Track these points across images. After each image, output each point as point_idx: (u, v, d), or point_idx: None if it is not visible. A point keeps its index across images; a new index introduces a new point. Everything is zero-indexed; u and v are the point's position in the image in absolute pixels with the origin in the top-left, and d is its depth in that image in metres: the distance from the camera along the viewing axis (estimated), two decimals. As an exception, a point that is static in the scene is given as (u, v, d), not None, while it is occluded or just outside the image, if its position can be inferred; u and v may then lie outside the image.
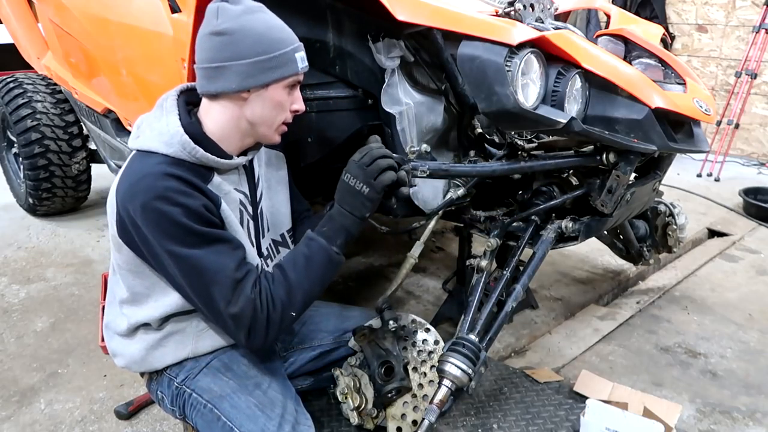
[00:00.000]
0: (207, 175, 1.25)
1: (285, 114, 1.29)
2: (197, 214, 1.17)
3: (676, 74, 1.77)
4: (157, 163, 1.19)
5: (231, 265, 1.18)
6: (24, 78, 3.35)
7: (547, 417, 1.63)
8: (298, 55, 1.24)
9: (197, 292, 1.20)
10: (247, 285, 1.19)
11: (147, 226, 1.15)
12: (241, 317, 1.18)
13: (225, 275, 1.18)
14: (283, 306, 1.22)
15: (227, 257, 1.19)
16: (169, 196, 1.15)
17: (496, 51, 1.40)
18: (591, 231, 1.83)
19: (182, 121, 1.23)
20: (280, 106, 1.26)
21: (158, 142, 1.21)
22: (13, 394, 1.97)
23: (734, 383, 2.00)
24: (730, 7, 4.73)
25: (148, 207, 1.14)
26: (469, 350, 1.45)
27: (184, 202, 1.15)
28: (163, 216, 1.14)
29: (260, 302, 1.20)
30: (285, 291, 1.22)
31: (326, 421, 1.57)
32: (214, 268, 1.17)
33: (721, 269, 2.88)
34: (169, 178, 1.16)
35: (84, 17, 2.35)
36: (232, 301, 1.18)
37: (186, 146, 1.20)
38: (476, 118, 1.88)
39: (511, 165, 1.67)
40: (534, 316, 2.39)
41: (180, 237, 1.16)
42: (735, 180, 4.23)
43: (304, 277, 1.25)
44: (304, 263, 1.26)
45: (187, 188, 1.17)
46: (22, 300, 2.57)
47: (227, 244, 1.21)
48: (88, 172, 3.39)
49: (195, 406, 1.33)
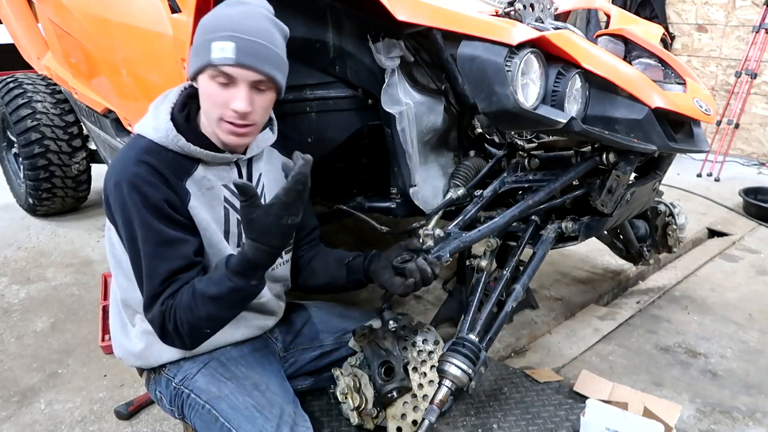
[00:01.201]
0: (189, 167, 1.26)
1: (221, 110, 1.20)
2: (155, 207, 1.20)
3: (676, 74, 1.77)
4: (138, 148, 1.23)
5: (162, 275, 1.20)
6: (24, 78, 3.35)
7: (547, 417, 1.63)
8: (215, 45, 1.15)
9: (138, 278, 1.24)
10: (164, 297, 1.21)
11: (115, 203, 1.22)
12: (153, 323, 1.23)
13: (151, 284, 1.21)
14: (190, 324, 1.19)
15: (164, 264, 1.20)
16: (134, 181, 1.19)
17: (496, 51, 1.40)
18: (591, 231, 1.83)
19: (174, 110, 1.26)
20: (210, 98, 1.21)
21: (149, 127, 1.25)
22: (13, 394, 1.97)
23: (734, 383, 2.00)
24: (730, 7, 4.73)
25: (118, 187, 1.20)
26: (469, 350, 1.45)
27: (145, 191, 1.19)
28: (126, 199, 1.19)
29: (169, 317, 1.20)
30: (189, 312, 1.18)
31: (326, 421, 1.56)
32: (147, 271, 1.21)
33: (721, 269, 2.88)
34: (140, 164, 1.20)
35: (84, 17, 2.35)
36: (147, 307, 1.22)
37: (169, 133, 1.23)
38: (476, 118, 1.88)
39: (520, 208, 1.65)
40: (534, 316, 2.39)
41: (135, 223, 1.20)
42: (735, 180, 4.23)
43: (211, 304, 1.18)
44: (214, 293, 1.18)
45: (153, 178, 1.20)
46: (22, 300, 2.57)
47: (173, 248, 1.21)
48: (88, 172, 3.39)
49: (193, 407, 1.33)
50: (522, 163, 1.83)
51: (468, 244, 1.56)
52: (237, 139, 1.25)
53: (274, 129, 1.43)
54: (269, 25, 1.21)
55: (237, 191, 1.12)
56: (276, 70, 1.21)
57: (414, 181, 1.80)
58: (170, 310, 1.19)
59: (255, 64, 1.17)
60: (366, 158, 2.01)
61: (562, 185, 1.69)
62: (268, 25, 1.21)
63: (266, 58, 1.18)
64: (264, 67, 1.18)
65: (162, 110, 1.26)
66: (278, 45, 1.22)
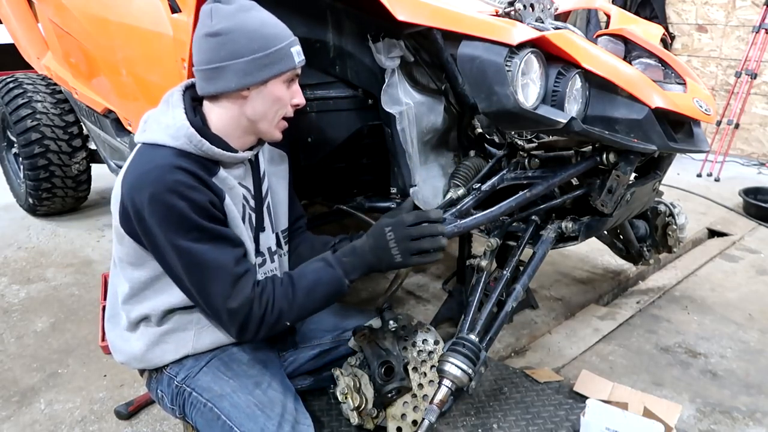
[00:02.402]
0: (213, 169, 1.26)
1: (285, 109, 1.30)
2: (203, 209, 1.19)
3: (676, 74, 1.77)
4: (165, 155, 1.21)
5: (231, 262, 1.21)
6: (24, 78, 3.35)
7: (547, 417, 1.63)
8: (293, 50, 1.25)
9: (197, 285, 1.22)
10: (247, 282, 1.22)
11: (153, 217, 1.17)
12: (238, 313, 1.22)
13: (225, 271, 1.20)
14: (280, 313, 1.25)
15: (228, 254, 1.22)
16: (177, 189, 1.17)
17: (496, 51, 1.40)
18: (591, 231, 1.83)
19: (188, 116, 1.25)
20: (280, 101, 1.28)
21: (165, 135, 1.23)
22: (13, 394, 1.97)
23: (734, 383, 2.00)
24: (730, 7, 4.73)
25: (157, 198, 1.16)
26: (469, 350, 1.45)
27: (192, 197, 1.18)
28: (171, 209, 1.16)
29: (260, 303, 1.22)
30: (287, 302, 1.25)
31: (326, 421, 1.57)
32: (215, 264, 1.20)
33: (721, 269, 2.88)
34: (178, 171, 1.18)
35: (84, 17, 2.35)
36: (231, 297, 1.21)
37: (192, 139, 1.22)
38: (476, 118, 1.88)
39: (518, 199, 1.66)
40: (534, 316, 2.39)
41: (185, 231, 1.18)
42: (735, 180, 4.23)
43: (308, 295, 1.27)
44: (313, 283, 1.28)
45: (195, 182, 1.19)
46: (22, 300, 2.57)
47: (229, 241, 1.24)
48: (88, 172, 3.39)
49: (195, 405, 1.33)
50: (522, 162, 1.84)
51: (462, 231, 1.57)
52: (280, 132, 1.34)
53: None
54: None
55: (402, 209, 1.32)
56: None
57: (414, 181, 1.80)
58: (261, 297, 1.22)
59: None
60: (366, 158, 2.01)
61: (561, 181, 1.69)
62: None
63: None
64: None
65: (177, 116, 1.24)
66: None
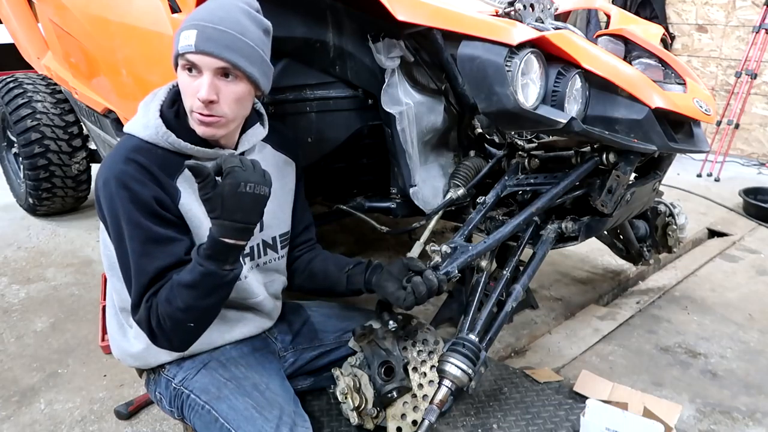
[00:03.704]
0: (180, 164, 1.23)
1: (191, 100, 1.21)
2: (144, 204, 1.20)
3: (676, 74, 1.77)
4: (128, 147, 1.24)
5: (150, 273, 1.19)
6: (24, 78, 3.34)
7: (547, 417, 1.63)
8: (182, 35, 1.17)
9: (124, 275, 1.24)
10: (149, 294, 1.21)
11: (102, 201, 1.22)
12: (141, 324, 1.22)
13: (140, 280, 1.20)
14: (171, 318, 1.18)
15: (153, 262, 1.19)
16: (123, 179, 1.19)
17: (496, 51, 1.40)
18: (591, 231, 1.83)
19: (163, 107, 1.26)
20: (183, 90, 1.23)
21: (139, 125, 1.26)
22: (13, 394, 1.97)
23: (734, 383, 2.00)
24: (730, 7, 4.73)
25: (106, 184, 1.20)
26: (469, 350, 1.45)
27: (135, 189, 1.19)
28: (114, 197, 1.19)
29: (151, 310, 1.20)
30: (167, 305, 1.17)
31: (326, 421, 1.56)
32: (136, 269, 1.20)
33: (721, 269, 2.88)
34: (129, 162, 1.21)
35: (84, 17, 2.35)
36: (136, 306, 1.22)
37: (159, 130, 1.24)
38: (476, 118, 1.88)
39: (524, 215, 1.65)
40: (534, 316, 2.39)
41: (123, 221, 1.20)
42: (735, 180, 4.23)
43: (187, 293, 1.16)
44: (187, 280, 1.17)
45: (142, 176, 1.20)
46: (22, 300, 2.57)
47: (161, 246, 1.21)
48: (88, 172, 3.39)
49: (193, 407, 1.33)
50: (522, 163, 1.84)
51: (475, 257, 1.56)
52: (206, 129, 1.23)
53: (264, 124, 1.42)
54: (241, 15, 1.21)
55: (191, 173, 1.10)
56: (242, 58, 1.19)
57: (414, 181, 1.80)
58: (153, 307, 1.19)
59: (215, 50, 1.16)
60: (366, 158, 2.01)
61: (564, 189, 1.68)
62: (240, 15, 1.20)
63: (229, 45, 1.17)
64: (225, 53, 1.16)
65: (151, 108, 1.27)
66: (249, 35, 1.20)
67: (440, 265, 1.49)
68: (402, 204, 1.94)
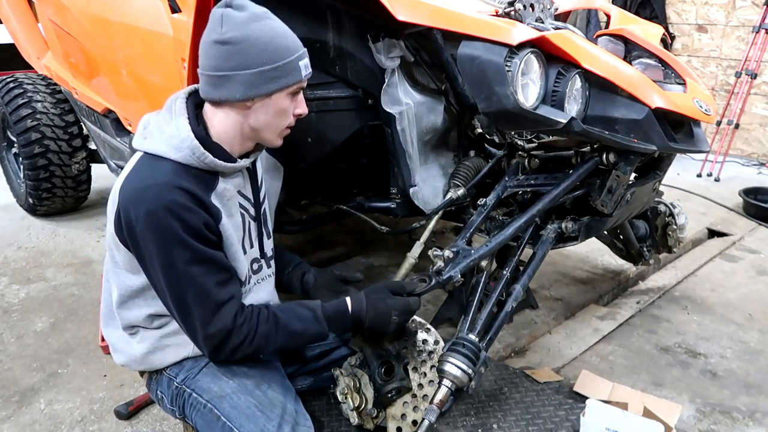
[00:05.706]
0: (212, 182, 1.26)
1: (288, 119, 1.29)
2: (196, 231, 1.19)
3: (676, 74, 1.77)
4: (166, 172, 1.20)
5: (215, 288, 1.22)
6: (24, 78, 3.34)
7: (547, 417, 1.63)
8: (302, 63, 1.24)
9: (178, 305, 1.23)
10: (228, 310, 1.23)
11: (146, 232, 1.17)
12: (213, 338, 1.24)
13: (208, 298, 1.21)
14: (257, 348, 1.28)
15: (213, 278, 1.22)
16: (173, 209, 1.16)
17: (496, 51, 1.40)
18: (591, 231, 1.83)
19: (191, 126, 1.23)
20: (284, 113, 1.27)
21: (167, 146, 1.21)
22: (13, 394, 1.97)
23: (734, 383, 2.00)
24: (730, 7, 4.73)
25: (152, 215, 1.16)
26: (469, 350, 1.45)
27: (187, 218, 1.17)
28: (164, 227, 1.16)
29: (239, 334, 1.24)
30: (266, 340, 1.27)
31: (326, 421, 1.57)
32: (199, 289, 1.21)
33: (721, 269, 2.88)
34: (176, 191, 1.17)
35: (84, 17, 2.36)
36: (210, 323, 1.22)
37: (195, 151, 1.21)
38: (476, 118, 1.88)
39: (524, 218, 1.66)
40: (534, 316, 2.39)
41: (175, 250, 1.18)
42: (735, 180, 4.23)
43: (289, 340, 1.31)
44: (298, 332, 1.31)
45: (192, 204, 1.19)
46: (22, 300, 2.57)
47: (216, 264, 1.24)
48: (88, 172, 3.39)
49: (195, 406, 1.33)
50: (522, 163, 1.84)
51: (477, 261, 1.57)
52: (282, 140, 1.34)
53: None
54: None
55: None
56: None
57: (414, 181, 1.80)
58: (241, 328, 1.24)
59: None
60: (366, 158, 2.01)
61: (565, 190, 1.68)
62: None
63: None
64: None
65: (180, 127, 1.22)
66: None
67: (443, 270, 1.49)
68: (402, 204, 1.94)
